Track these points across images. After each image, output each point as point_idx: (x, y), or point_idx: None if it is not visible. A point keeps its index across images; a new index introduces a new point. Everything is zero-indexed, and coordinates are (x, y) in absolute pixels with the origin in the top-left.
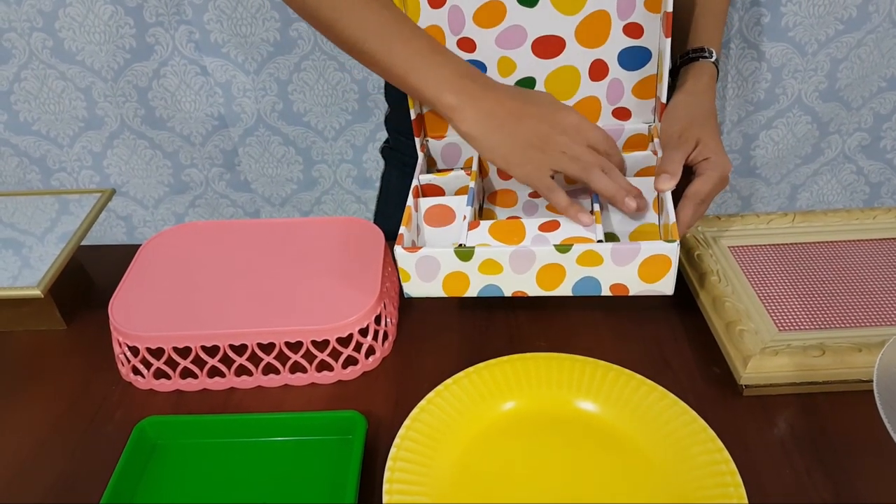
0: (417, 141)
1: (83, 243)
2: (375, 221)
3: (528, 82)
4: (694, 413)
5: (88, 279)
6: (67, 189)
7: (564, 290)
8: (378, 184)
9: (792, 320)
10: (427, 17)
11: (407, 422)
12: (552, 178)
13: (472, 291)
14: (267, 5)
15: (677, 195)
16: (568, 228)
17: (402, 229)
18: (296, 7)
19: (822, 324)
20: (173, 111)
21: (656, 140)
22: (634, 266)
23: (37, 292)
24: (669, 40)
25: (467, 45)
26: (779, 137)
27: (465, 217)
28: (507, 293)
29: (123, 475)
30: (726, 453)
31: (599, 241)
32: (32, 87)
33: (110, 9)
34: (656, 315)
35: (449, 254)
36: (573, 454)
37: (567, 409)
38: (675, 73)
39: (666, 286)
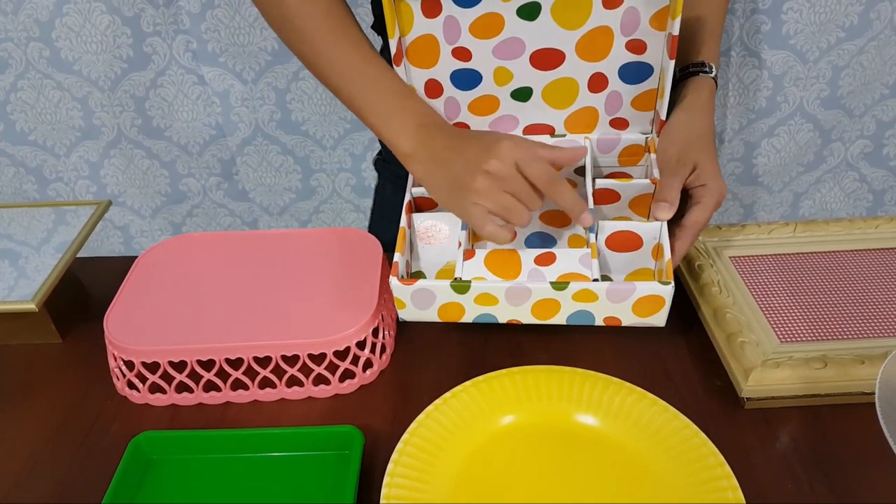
0: None
1: (79, 255)
2: (370, 232)
3: (524, 92)
4: (695, 427)
5: (84, 292)
6: (63, 201)
7: (558, 320)
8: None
9: (794, 331)
10: (420, 27)
11: (405, 436)
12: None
13: (466, 318)
14: None
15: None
16: (564, 262)
17: (396, 256)
18: (274, 29)
19: (824, 335)
20: (171, 120)
21: (652, 155)
22: (629, 304)
23: (31, 306)
24: (673, 61)
25: (462, 54)
26: (781, 145)
27: (459, 244)
28: (502, 321)
29: (119, 491)
30: (728, 468)
31: (595, 280)
32: (29, 96)
33: (107, 18)
34: (657, 329)
35: (445, 287)
36: (573, 468)
37: (567, 422)
38: (673, 87)
39: (658, 320)
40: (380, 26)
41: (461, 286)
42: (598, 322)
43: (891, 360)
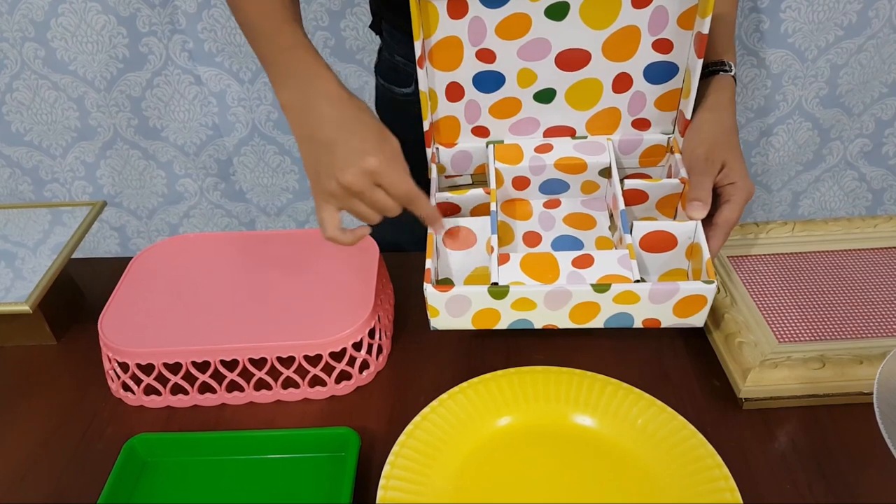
0: (429, 151)
1: (74, 256)
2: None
3: (547, 93)
4: (693, 428)
5: (79, 293)
6: (59, 202)
7: (596, 323)
8: None
9: (792, 332)
10: (445, 28)
11: (401, 438)
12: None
13: (502, 325)
14: None
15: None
16: (602, 264)
17: (427, 262)
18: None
19: (822, 335)
20: (167, 121)
21: (677, 156)
22: (670, 305)
23: (25, 308)
24: (701, 61)
25: (486, 55)
26: (780, 144)
27: (492, 248)
28: (538, 326)
29: (114, 493)
30: (725, 469)
31: (637, 282)
32: (24, 97)
33: (103, 18)
34: (656, 328)
35: (483, 293)
36: (571, 469)
37: (564, 423)
38: None
39: (698, 320)
40: (377, 25)
41: (499, 291)
42: (637, 324)
43: (889, 360)
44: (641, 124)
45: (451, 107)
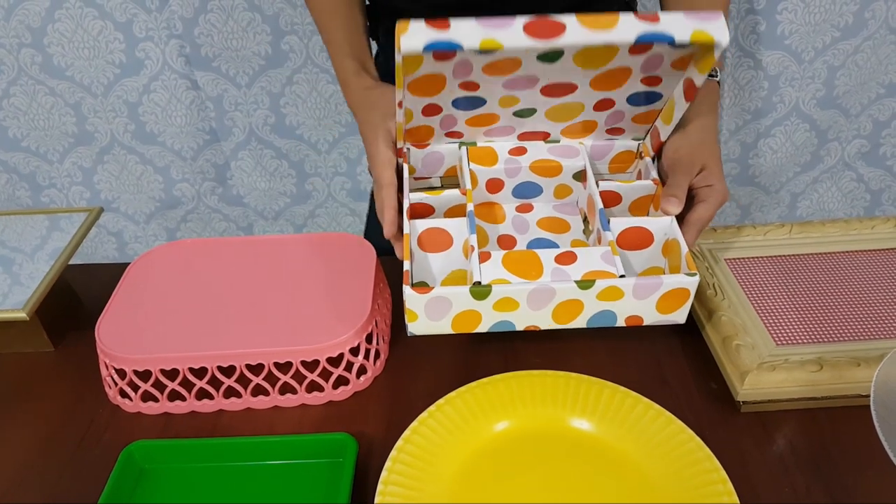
0: (400, 143)
1: (72, 262)
2: (366, 237)
3: (527, 111)
4: (690, 431)
5: (76, 299)
6: (57, 207)
7: (579, 323)
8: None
9: (790, 334)
10: (428, 68)
11: (399, 443)
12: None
13: (482, 328)
14: (258, 19)
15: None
16: (585, 261)
17: (405, 265)
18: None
19: (820, 337)
20: (164, 126)
21: (647, 160)
22: (653, 300)
23: (22, 315)
24: (689, 104)
25: (470, 86)
26: (777, 146)
27: (472, 248)
28: (520, 328)
29: (111, 500)
30: (723, 472)
31: (622, 276)
32: (21, 102)
33: (99, 24)
34: (652, 331)
35: (464, 294)
36: (568, 473)
37: (562, 427)
38: None
39: (680, 316)
40: (374, 31)
41: (481, 291)
42: (620, 322)
43: (886, 363)
44: (615, 131)
45: (427, 119)
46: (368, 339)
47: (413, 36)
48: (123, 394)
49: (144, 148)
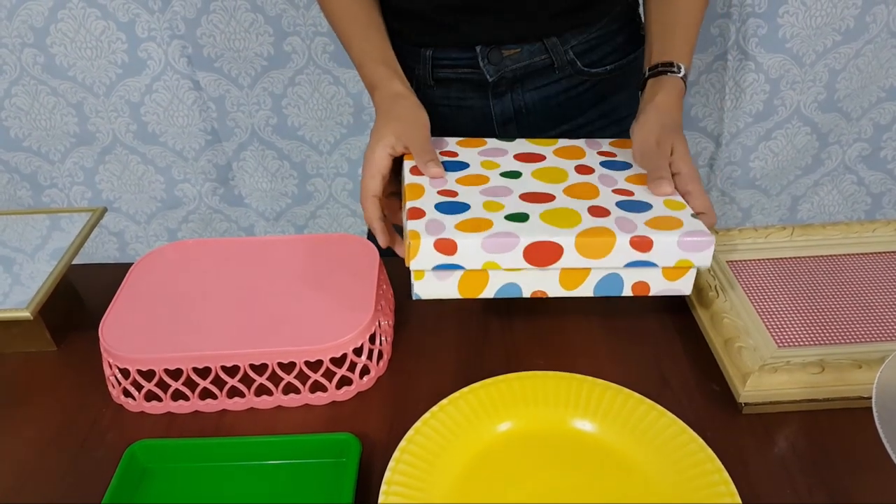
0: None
1: (74, 262)
2: (370, 237)
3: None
4: (692, 433)
5: (79, 299)
6: (59, 207)
7: (585, 290)
8: None
9: (791, 336)
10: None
11: (402, 443)
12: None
13: (488, 292)
14: (260, 20)
15: None
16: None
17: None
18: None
19: (821, 339)
20: (166, 126)
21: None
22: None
23: (26, 314)
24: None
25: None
26: (778, 149)
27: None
28: (527, 294)
29: (114, 500)
30: (725, 473)
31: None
32: (23, 102)
33: (102, 24)
34: (655, 332)
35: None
36: (571, 474)
37: (565, 428)
38: (643, 85)
39: (685, 285)
40: None
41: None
42: (626, 290)
43: (888, 365)
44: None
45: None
46: (372, 339)
47: (422, 259)
48: (127, 393)
49: (146, 148)
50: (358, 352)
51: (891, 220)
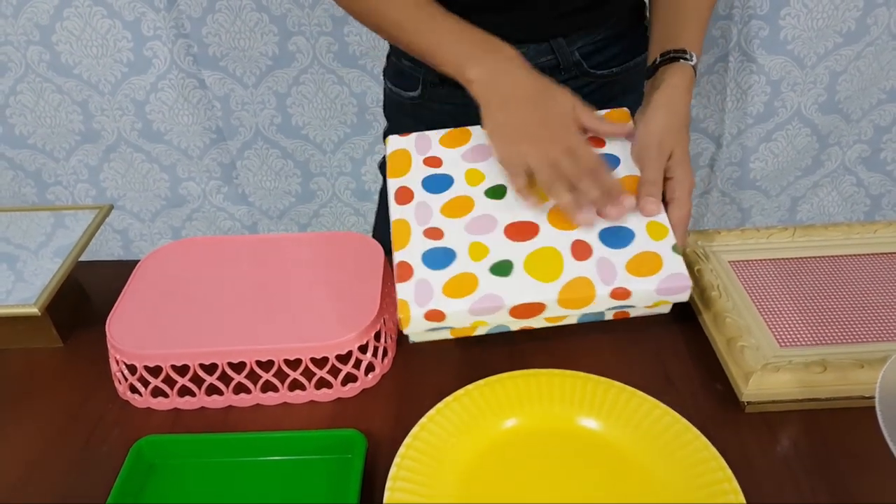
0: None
1: (79, 259)
2: (374, 237)
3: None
4: (696, 431)
5: (85, 296)
6: (64, 205)
7: (570, 321)
8: (377, 197)
9: (793, 336)
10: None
11: (407, 440)
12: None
13: (480, 331)
14: (265, 19)
15: None
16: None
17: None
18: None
19: (823, 339)
20: (171, 124)
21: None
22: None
23: (34, 310)
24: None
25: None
26: (778, 150)
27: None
28: (515, 328)
29: (121, 495)
30: (729, 471)
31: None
32: (28, 100)
33: (108, 22)
34: (658, 331)
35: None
36: (575, 472)
37: (569, 426)
38: (652, 71)
39: (664, 309)
40: None
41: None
42: (608, 317)
43: (891, 365)
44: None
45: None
46: (377, 336)
47: (415, 326)
48: (133, 389)
49: (151, 146)
50: (363, 349)
51: (892, 222)
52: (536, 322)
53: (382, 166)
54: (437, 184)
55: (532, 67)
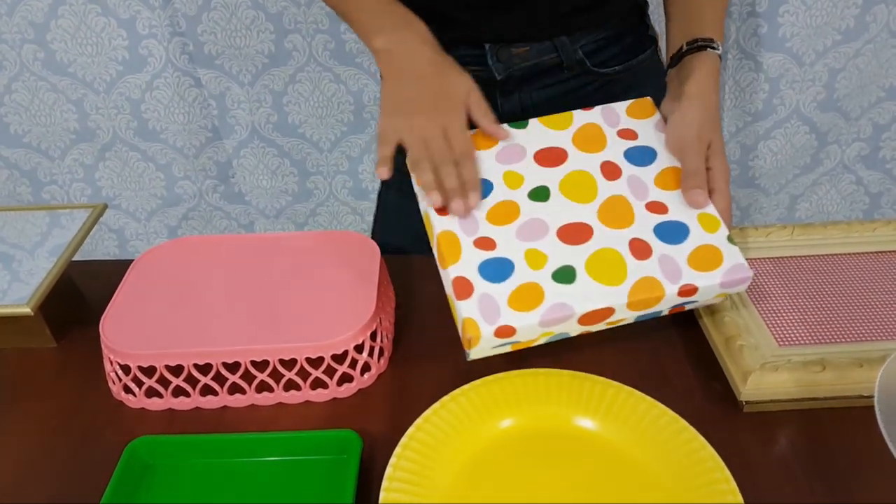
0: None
1: (73, 258)
2: (373, 237)
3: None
4: (694, 430)
5: (79, 295)
6: (58, 204)
7: (628, 321)
8: (374, 196)
9: (792, 335)
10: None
11: (403, 440)
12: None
13: (541, 342)
14: (262, 17)
15: None
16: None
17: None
18: None
19: (822, 338)
20: (166, 123)
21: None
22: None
23: (27, 310)
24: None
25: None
26: (777, 148)
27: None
28: (574, 335)
29: (115, 496)
30: (727, 471)
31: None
32: (23, 98)
33: (103, 20)
34: (656, 330)
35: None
36: (572, 471)
37: (566, 426)
38: (678, 59)
39: (720, 299)
40: None
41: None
42: (664, 313)
43: (890, 364)
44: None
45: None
46: (373, 336)
47: (483, 347)
48: (127, 390)
49: (146, 145)
50: (359, 349)
51: (891, 220)
52: (599, 326)
53: None
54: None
55: (440, 48)
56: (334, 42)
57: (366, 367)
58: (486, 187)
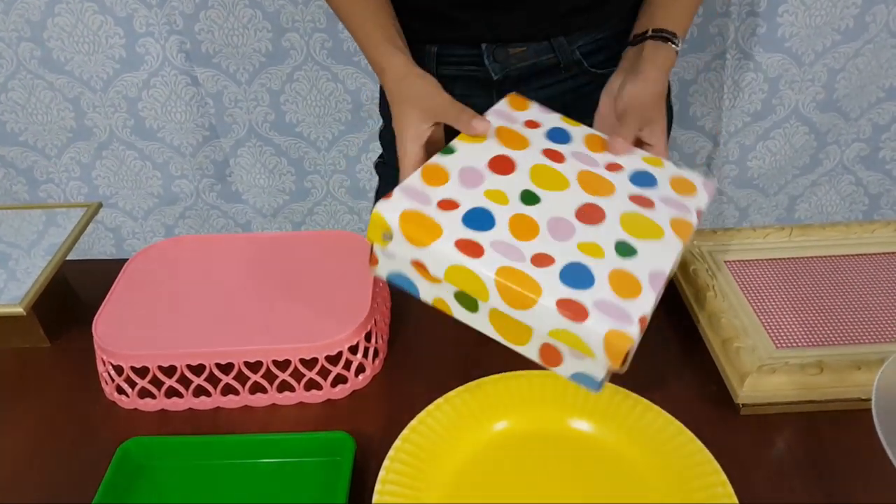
0: None
1: (70, 257)
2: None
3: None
4: (690, 433)
5: (73, 295)
6: (54, 203)
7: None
8: (371, 195)
9: (789, 337)
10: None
11: (397, 442)
12: None
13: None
14: (259, 16)
15: None
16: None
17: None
18: None
19: (820, 341)
20: (163, 122)
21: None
22: None
23: (19, 310)
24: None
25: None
26: (776, 148)
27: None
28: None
29: (107, 497)
30: (723, 474)
31: None
32: (20, 96)
33: (100, 18)
34: (652, 332)
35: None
36: (567, 474)
37: (561, 428)
38: (632, 45)
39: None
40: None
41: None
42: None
43: (888, 366)
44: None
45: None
46: (367, 337)
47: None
48: (120, 390)
49: (143, 144)
50: (353, 350)
51: (890, 221)
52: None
53: (378, 165)
54: (479, 221)
55: (405, 77)
56: (332, 41)
57: (360, 369)
58: (487, 217)
